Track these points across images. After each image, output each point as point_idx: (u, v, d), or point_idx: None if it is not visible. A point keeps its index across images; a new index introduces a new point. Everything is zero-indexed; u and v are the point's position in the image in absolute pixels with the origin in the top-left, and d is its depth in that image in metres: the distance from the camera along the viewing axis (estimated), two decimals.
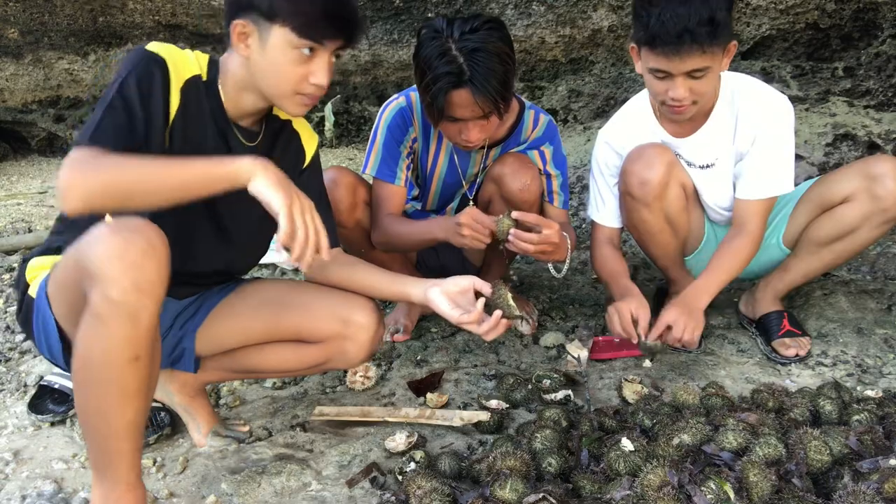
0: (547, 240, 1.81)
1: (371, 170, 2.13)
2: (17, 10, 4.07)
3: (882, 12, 3.19)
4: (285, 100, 1.49)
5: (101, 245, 1.18)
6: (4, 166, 5.16)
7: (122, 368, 1.22)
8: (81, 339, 1.23)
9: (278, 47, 1.43)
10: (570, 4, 3.53)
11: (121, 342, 1.20)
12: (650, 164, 1.98)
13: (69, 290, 1.30)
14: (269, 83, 1.48)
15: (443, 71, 1.81)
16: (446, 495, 1.38)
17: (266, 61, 1.45)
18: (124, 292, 1.17)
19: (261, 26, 1.42)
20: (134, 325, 1.20)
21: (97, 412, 1.26)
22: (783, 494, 1.31)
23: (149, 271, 1.19)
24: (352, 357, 1.67)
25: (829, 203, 1.99)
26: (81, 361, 1.24)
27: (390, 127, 2.11)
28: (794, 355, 2.04)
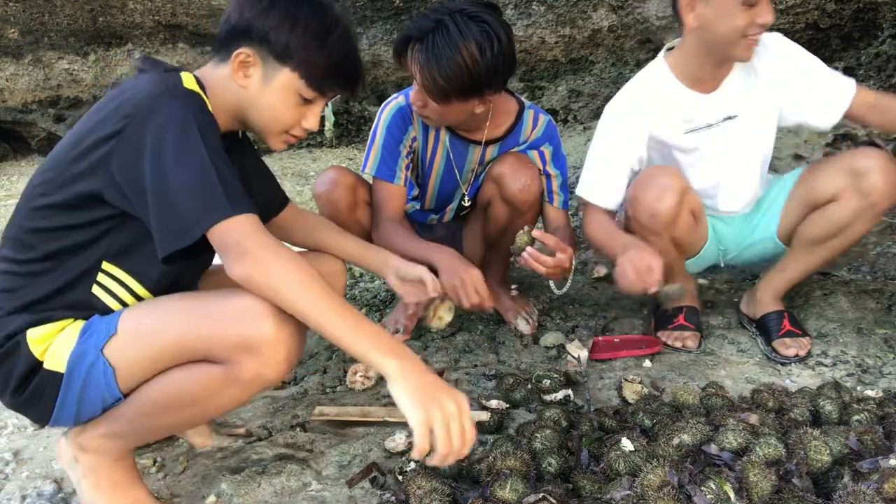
0: (560, 264, 1.81)
1: (370, 169, 2.13)
2: (17, 10, 4.07)
3: (882, 12, 3.19)
4: (272, 136, 1.50)
5: (272, 327, 1.25)
6: (4, 166, 5.16)
7: (215, 414, 1.39)
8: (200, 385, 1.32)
9: (282, 90, 1.43)
10: (570, 4, 3.53)
11: (238, 402, 1.39)
12: (661, 197, 1.95)
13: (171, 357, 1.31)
14: (261, 119, 1.47)
15: (417, 23, 1.86)
16: (446, 495, 1.38)
17: (265, 99, 1.44)
18: (278, 374, 1.30)
19: (268, 63, 1.41)
20: (266, 388, 1.39)
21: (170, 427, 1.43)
22: (783, 494, 1.31)
23: (298, 354, 1.34)
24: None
25: (818, 201, 2.00)
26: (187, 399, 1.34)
27: (389, 126, 2.11)
28: (794, 355, 2.03)
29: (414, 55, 1.87)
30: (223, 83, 1.43)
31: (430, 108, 1.95)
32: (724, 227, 2.21)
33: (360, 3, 3.74)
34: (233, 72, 1.42)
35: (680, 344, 2.13)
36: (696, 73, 2.00)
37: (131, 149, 1.26)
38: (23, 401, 1.35)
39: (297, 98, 1.44)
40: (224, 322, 1.27)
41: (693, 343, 2.13)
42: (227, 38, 1.43)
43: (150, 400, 1.34)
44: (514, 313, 2.33)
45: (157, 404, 1.34)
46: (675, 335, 2.15)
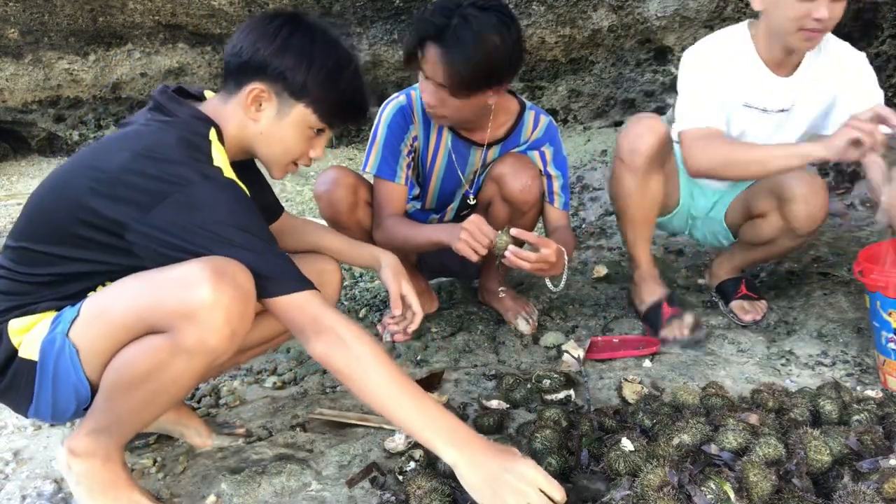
0: (544, 259, 1.81)
1: (371, 168, 2.13)
2: (17, 10, 4.07)
3: (882, 12, 3.19)
4: (278, 167, 1.54)
5: (208, 291, 1.23)
6: (4, 166, 5.16)
7: (182, 389, 1.37)
8: (148, 358, 1.30)
9: (297, 125, 1.47)
10: (570, 4, 3.53)
11: (195, 373, 1.33)
12: (641, 136, 2.05)
13: (124, 329, 1.31)
14: (271, 151, 1.50)
15: (432, 20, 1.83)
16: (446, 495, 1.38)
17: (277, 133, 1.47)
18: (221, 339, 1.27)
19: (283, 99, 1.45)
20: (213, 362, 1.32)
21: (138, 409, 1.38)
22: (783, 494, 1.31)
23: (245, 321, 1.30)
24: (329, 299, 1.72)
25: (751, 212, 2.17)
26: (140, 374, 1.31)
27: (390, 125, 2.10)
28: (752, 320, 2.21)
29: (432, 52, 1.85)
30: (233, 116, 1.47)
31: (449, 105, 1.93)
32: (702, 195, 2.32)
33: (360, 3, 3.74)
34: (245, 106, 1.45)
35: (688, 331, 2.12)
36: (768, 52, 2.03)
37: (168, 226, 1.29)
38: (2, 390, 1.39)
39: (308, 132, 1.49)
40: (164, 290, 1.27)
41: (690, 318, 2.14)
42: (238, 71, 1.45)
43: (111, 382, 1.34)
44: (514, 313, 2.33)
45: (117, 385, 1.34)
46: (674, 327, 2.15)
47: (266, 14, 1.50)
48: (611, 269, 2.67)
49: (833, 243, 2.76)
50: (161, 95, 1.46)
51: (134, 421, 1.40)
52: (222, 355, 1.30)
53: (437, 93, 1.91)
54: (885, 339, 1.79)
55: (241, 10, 3.87)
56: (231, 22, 3.99)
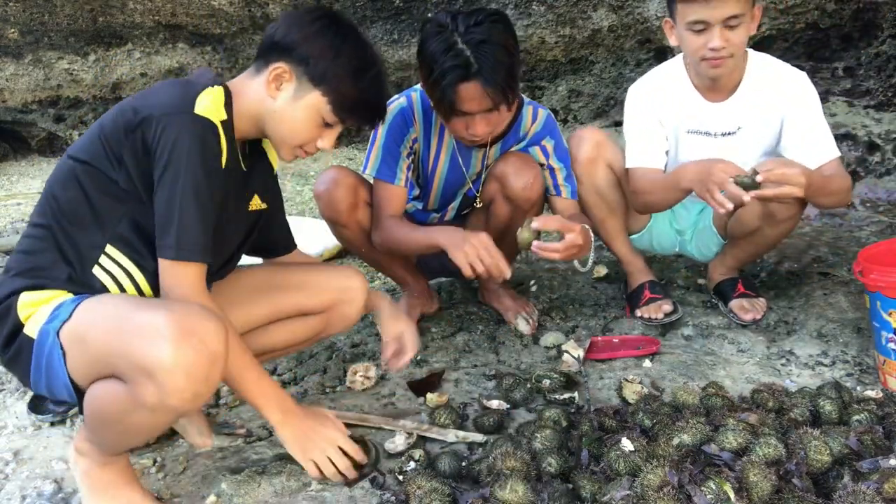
0: (572, 243, 1.81)
1: (371, 170, 2.13)
2: (17, 10, 4.07)
3: (882, 12, 3.19)
4: (285, 148, 1.56)
5: (169, 352, 1.19)
6: (4, 166, 5.16)
7: (154, 432, 1.42)
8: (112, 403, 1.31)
9: (308, 109, 1.50)
10: (570, 4, 3.53)
11: (160, 425, 1.39)
12: (578, 144, 2.21)
13: (98, 363, 1.30)
14: (281, 130, 1.53)
15: (450, 65, 1.81)
16: (446, 495, 1.38)
17: (290, 114, 1.51)
18: (182, 402, 1.24)
19: (302, 83, 1.49)
20: (178, 416, 1.36)
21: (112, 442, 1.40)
22: (783, 494, 1.31)
23: (210, 383, 1.27)
24: (351, 317, 1.83)
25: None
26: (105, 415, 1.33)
27: (390, 127, 2.10)
28: (752, 319, 2.20)
29: (469, 90, 1.83)
30: (253, 91, 1.51)
31: (497, 121, 1.95)
32: (683, 210, 2.34)
33: (360, 3, 3.74)
34: (266, 82, 1.49)
35: (660, 314, 2.23)
36: (699, 81, 2.12)
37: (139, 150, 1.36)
38: (7, 360, 1.42)
39: (319, 119, 1.52)
40: (130, 337, 1.24)
41: (668, 306, 2.24)
42: (268, 50, 1.51)
43: (88, 410, 1.36)
44: (514, 313, 2.33)
45: (91, 416, 1.36)
46: (651, 308, 2.26)
47: (309, 7, 1.56)
48: (611, 269, 2.67)
49: (833, 243, 2.76)
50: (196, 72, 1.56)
51: (117, 446, 1.42)
52: (187, 412, 1.33)
53: (489, 118, 1.91)
54: (885, 339, 1.79)
55: (241, 10, 3.87)
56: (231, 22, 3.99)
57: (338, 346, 2.28)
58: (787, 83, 2.07)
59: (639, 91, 2.21)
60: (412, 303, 2.36)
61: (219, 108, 1.42)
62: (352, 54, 1.50)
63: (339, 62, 1.48)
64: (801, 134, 2.04)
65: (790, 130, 2.06)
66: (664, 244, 2.44)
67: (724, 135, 2.14)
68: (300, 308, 1.77)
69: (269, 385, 1.50)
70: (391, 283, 2.66)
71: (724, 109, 2.11)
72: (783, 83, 2.07)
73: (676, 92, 2.15)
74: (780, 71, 2.10)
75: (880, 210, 3.08)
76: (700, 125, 2.15)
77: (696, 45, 1.96)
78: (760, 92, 2.08)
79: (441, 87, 1.84)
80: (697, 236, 2.38)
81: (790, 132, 2.06)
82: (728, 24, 1.89)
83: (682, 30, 1.97)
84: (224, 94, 1.45)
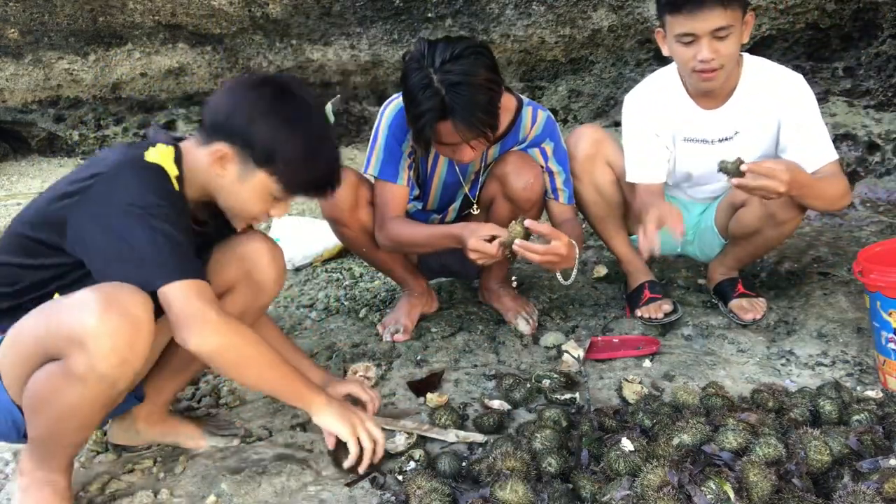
0: (553, 251, 1.81)
1: (373, 170, 2.13)
2: (17, 10, 4.07)
3: (882, 12, 3.18)
4: (238, 220, 1.59)
5: (93, 318, 1.25)
6: (4, 166, 5.16)
7: (88, 416, 1.36)
8: (46, 383, 1.32)
9: (256, 189, 1.49)
10: (570, 4, 3.53)
11: (94, 401, 1.34)
12: (577, 142, 2.22)
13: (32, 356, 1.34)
14: (230, 205, 1.54)
15: (426, 107, 1.82)
16: (446, 495, 1.38)
17: (238, 192, 1.50)
18: (111, 367, 1.28)
19: (246, 164, 1.46)
20: (111, 389, 1.32)
21: (50, 434, 1.39)
22: (783, 494, 1.31)
23: (137, 349, 1.30)
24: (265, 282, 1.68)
25: (735, 203, 2.18)
26: (41, 399, 1.34)
27: (391, 127, 2.10)
28: (752, 319, 2.21)
29: (447, 128, 1.84)
30: (200, 163, 1.49)
31: (486, 141, 1.95)
32: (685, 210, 2.33)
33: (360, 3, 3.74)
34: (211, 162, 1.46)
35: (660, 314, 2.23)
36: (693, 88, 2.11)
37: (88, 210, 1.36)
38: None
39: (268, 196, 1.51)
40: (59, 316, 1.30)
41: (668, 306, 2.25)
42: (212, 128, 1.48)
43: (24, 407, 1.37)
44: (514, 313, 2.33)
45: (27, 410, 1.37)
46: (650, 308, 2.26)
47: (254, 78, 1.51)
48: (611, 269, 2.67)
49: (833, 243, 2.76)
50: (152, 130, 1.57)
51: (53, 445, 1.41)
52: (117, 382, 1.31)
53: (474, 144, 1.92)
54: (885, 339, 1.79)
55: (241, 10, 3.87)
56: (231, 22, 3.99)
57: (338, 347, 2.28)
58: (784, 86, 2.06)
59: (633, 102, 2.20)
60: (412, 303, 2.36)
61: (169, 163, 1.44)
62: (304, 135, 1.45)
63: (290, 146, 1.44)
64: (798, 136, 2.04)
65: (787, 133, 2.06)
66: (666, 245, 2.42)
67: (721, 140, 2.13)
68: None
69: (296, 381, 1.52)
70: (391, 283, 2.66)
71: (720, 116, 2.11)
72: (779, 86, 2.06)
73: (671, 101, 2.14)
74: (776, 74, 2.09)
75: (880, 210, 3.08)
76: (696, 133, 2.15)
77: (685, 56, 1.95)
78: (756, 96, 2.07)
79: (418, 125, 1.87)
80: (699, 237, 2.38)
81: (787, 134, 2.06)
82: (716, 35, 1.87)
83: (671, 41, 1.96)
84: (175, 153, 1.46)
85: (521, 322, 2.30)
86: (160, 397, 1.70)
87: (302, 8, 3.77)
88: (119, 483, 1.62)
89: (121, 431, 1.73)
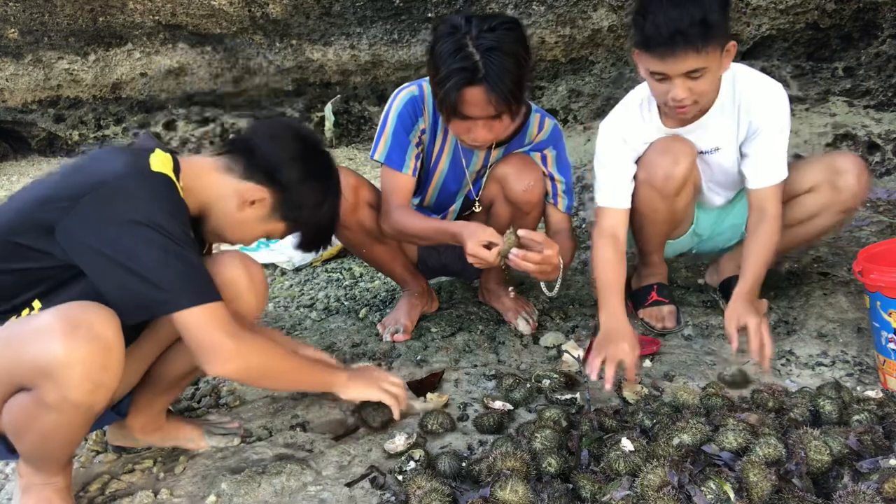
0: (547, 260, 1.82)
1: (380, 155, 2.11)
2: (17, 10, 4.07)
3: (882, 12, 3.19)
4: (217, 241, 1.63)
5: (59, 347, 1.20)
6: (4, 166, 5.16)
7: (70, 436, 1.34)
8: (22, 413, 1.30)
9: (268, 231, 1.57)
10: (570, 4, 3.53)
11: (73, 425, 1.31)
12: (677, 161, 2.05)
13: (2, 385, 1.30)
14: (226, 231, 1.57)
15: (457, 66, 1.80)
16: (446, 495, 1.38)
17: (248, 228, 1.55)
18: (84, 394, 1.24)
19: (275, 213, 1.53)
20: (88, 413, 1.29)
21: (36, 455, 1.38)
22: (783, 494, 1.31)
23: (110, 371, 1.26)
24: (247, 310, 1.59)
25: (795, 192, 2.13)
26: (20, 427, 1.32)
27: (401, 114, 2.09)
28: None
29: (474, 94, 1.81)
30: (218, 187, 1.50)
31: (500, 129, 1.94)
32: (704, 214, 2.31)
33: (360, 3, 3.74)
34: (243, 198, 1.49)
35: (660, 325, 2.23)
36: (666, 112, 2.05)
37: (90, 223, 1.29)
38: None
39: (265, 236, 1.58)
40: (22, 345, 1.24)
41: (671, 322, 2.24)
42: (257, 168, 1.50)
43: (5, 429, 1.36)
44: (515, 313, 2.33)
45: (8, 432, 1.36)
46: (653, 312, 2.26)
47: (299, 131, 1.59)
48: None
49: (833, 243, 2.76)
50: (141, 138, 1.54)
51: (44, 460, 1.40)
52: (94, 406, 1.28)
53: (491, 125, 1.90)
54: (885, 339, 1.79)
55: (240, 9, 3.87)
56: (231, 22, 3.99)
57: (338, 346, 2.28)
58: (760, 97, 2.01)
59: (609, 128, 2.13)
60: (412, 303, 2.36)
61: (170, 172, 1.43)
62: (331, 204, 1.59)
63: (317, 210, 1.56)
64: (761, 150, 2.03)
65: (754, 143, 2.03)
66: (680, 246, 2.41)
67: (709, 152, 2.10)
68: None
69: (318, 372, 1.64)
70: (391, 283, 2.66)
71: (693, 131, 2.07)
72: (755, 97, 2.01)
73: (647, 123, 2.09)
74: (755, 84, 2.03)
75: (880, 210, 3.08)
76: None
77: (658, 91, 1.90)
78: (734, 107, 2.03)
79: (445, 88, 1.82)
80: (714, 239, 2.36)
81: (753, 145, 2.04)
82: (690, 75, 1.81)
83: (646, 75, 1.90)
84: (172, 161, 1.45)
85: (521, 322, 2.30)
86: (153, 409, 1.68)
87: (302, 8, 3.78)
88: (119, 483, 1.62)
89: (120, 436, 1.73)
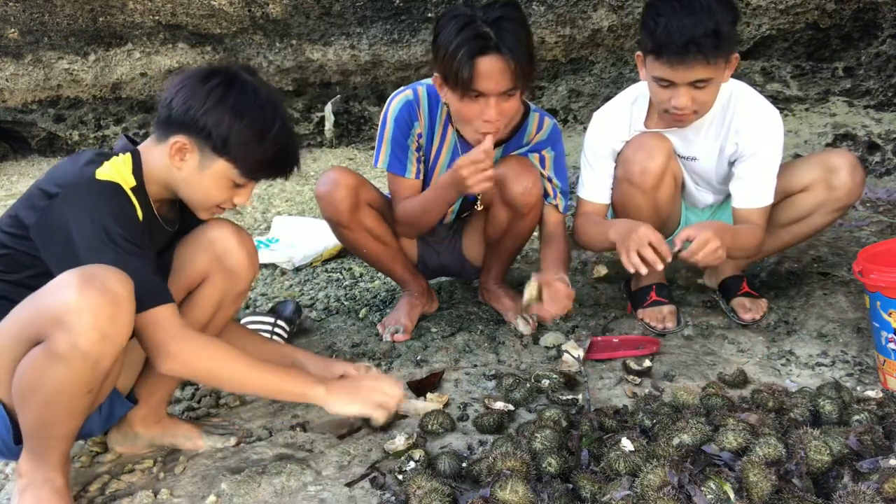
0: (570, 299, 1.95)
1: (382, 164, 2.15)
2: (17, 10, 4.08)
3: (882, 12, 3.19)
4: (202, 210, 1.63)
5: (73, 295, 1.27)
6: (4, 166, 5.17)
7: (74, 399, 1.36)
8: (32, 368, 1.33)
9: (216, 176, 1.55)
10: (570, 4, 3.53)
11: (78, 381, 1.33)
12: (652, 155, 2.08)
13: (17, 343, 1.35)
14: (193, 197, 1.59)
15: (469, 35, 1.80)
16: (446, 495, 1.38)
17: (199, 182, 1.55)
18: (92, 343, 1.29)
19: (204, 153, 1.52)
20: (94, 369, 1.32)
21: (41, 424, 1.39)
22: (783, 494, 1.31)
23: (118, 324, 1.32)
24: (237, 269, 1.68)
25: (791, 190, 2.15)
26: (28, 386, 1.34)
27: (397, 120, 2.11)
28: (752, 319, 2.21)
29: (487, 65, 1.81)
30: (158, 160, 1.55)
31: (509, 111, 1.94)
32: (694, 216, 2.33)
33: (360, 4, 3.74)
34: (169, 156, 1.52)
35: (660, 326, 2.24)
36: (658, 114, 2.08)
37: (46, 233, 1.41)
38: None
39: (229, 183, 1.57)
40: (39, 300, 1.32)
41: (672, 322, 2.24)
42: (167, 123, 1.53)
43: (14, 399, 1.38)
44: (515, 313, 2.33)
45: (16, 401, 1.38)
46: (653, 313, 2.27)
47: (203, 71, 1.56)
48: (611, 269, 2.67)
49: (833, 243, 2.76)
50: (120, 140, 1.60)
51: (45, 436, 1.41)
52: (100, 361, 1.32)
53: (502, 106, 1.90)
54: (885, 339, 1.79)
55: (241, 9, 3.87)
56: (231, 22, 3.99)
57: (337, 346, 2.28)
58: (753, 125, 2.03)
59: (598, 123, 2.17)
60: (412, 303, 2.36)
61: (124, 175, 1.48)
62: (253, 118, 1.51)
63: (241, 129, 1.50)
64: (750, 175, 2.06)
65: (743, 165, 2.06)
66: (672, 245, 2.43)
67: (687, 159, 2.14)
68: (181, 288, 1.66)
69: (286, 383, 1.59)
70: (391, 283, 2.66)
71: (677, 135, 2.09)
72: (748, 124, 2.03)
73: (631, 120, 2.12)
74: (750, 110, 2.04)
75: (880, 210, 3.08)
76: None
77: (660, 97, 1.92)
78: (724, 123, 2.05)
79: (458, 60, 1.80)
80: None
81: (742, 167, 2.06)
82: (695, 85, 1.84)
83: (650, 80, 1.92)
84: (133, 160, 1.51)
85: (521, 322, 2.30)
86: (153, 398, 1.71)
87: (302, 8, 3.78)
88: (119, 483, 1.62)
89: (120, 437, 1.73)
